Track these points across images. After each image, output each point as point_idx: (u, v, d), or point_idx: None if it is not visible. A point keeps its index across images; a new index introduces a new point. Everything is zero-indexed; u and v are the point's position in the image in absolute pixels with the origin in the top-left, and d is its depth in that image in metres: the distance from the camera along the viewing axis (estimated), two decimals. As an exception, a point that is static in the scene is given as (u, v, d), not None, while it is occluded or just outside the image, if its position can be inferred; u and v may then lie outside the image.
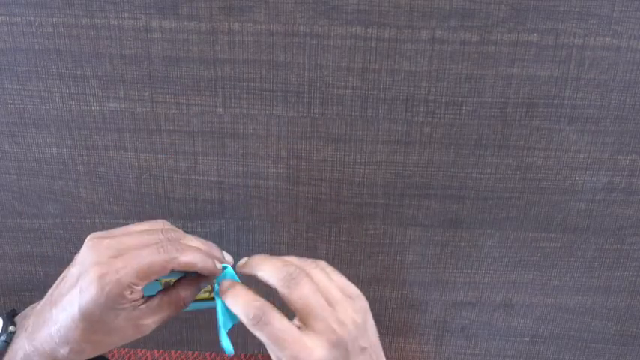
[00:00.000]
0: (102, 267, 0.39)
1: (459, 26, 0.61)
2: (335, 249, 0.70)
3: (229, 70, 0.63)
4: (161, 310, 0.43)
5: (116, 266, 0.39)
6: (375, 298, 0.72)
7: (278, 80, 0.63)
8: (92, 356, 0.42)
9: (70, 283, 0.41)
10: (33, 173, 0.67)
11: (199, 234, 0.69)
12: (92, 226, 0.69)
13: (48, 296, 0.43)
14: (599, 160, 0.65)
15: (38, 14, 0.61)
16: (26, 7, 0.61)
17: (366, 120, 0.64)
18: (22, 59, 0.63)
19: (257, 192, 0.68)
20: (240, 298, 0.41)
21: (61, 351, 0.40)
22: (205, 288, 0.49)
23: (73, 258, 0.44)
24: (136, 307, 0.42)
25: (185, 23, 0.61)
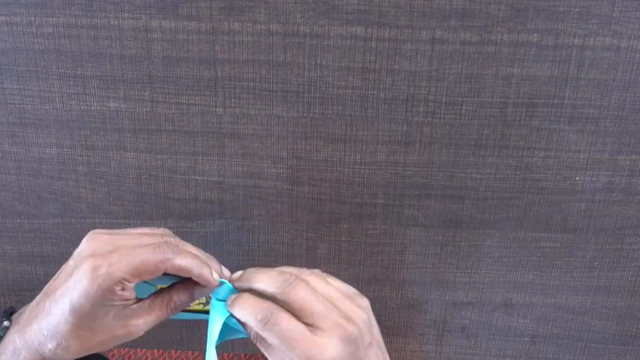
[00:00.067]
0: (96, 259, 0.40)
1: (459, 26, 0.61)
2: (335, 249, 0.70)
3: (229, 70, 0.63)
4: (152, 312, 0.43)
5: (110, 260, 0.40)
6: (375, 298, 0.72)
7: (278, 80, 0.63)
8: (79, 356, 0.42)
9: (65, 276, 0.41)
10: (33, 173, 0.67)
11: (199, 234, 0.70)
12: (92, 226, 0.69)
13: (43, 290, 0.43)
14: (599, 160, 0.65)
15: (38, 14, 0.61)
16: (26, 7, 0.61)
17: (366, 120, 0.64)
18: (22, 59, 0.63)
19: (257, 192, 0.68)
20: (247, 303, 0.41)
21: (49, 346, 0.40)
22: (200, 299, 0.48)
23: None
24: (127, 307, 0.41)
25: (185, 23, 0.61)
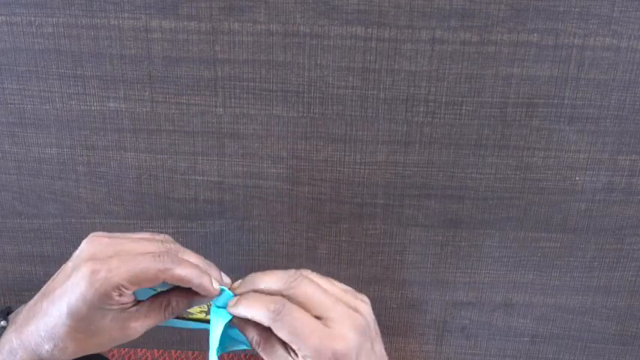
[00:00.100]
0: (95, 263, 0.39)
1: (459, 26, 0.61)
2: (335, 249, 0.70)
3: (229, 70, 0.63)
4: (149, 316, 0.43)
5: (110, 265, 0.39)
6: (375, 298, 0.72)
7: (278, 80, 0.63)
8: (76, 357, 0.41)
9: (64, 277, 0.40)
10: (33, 173, 0.67)
11: (199, 234, 0.70)
12: (92, 226, 0.69)
13: (41, 290, 0.42)
14: (599, 160, 0.65)
15: (38, 14, 0.61)
16: (26, 7, 0.61)
17: (366, 120, 0.64)
18: (22, 59, 0.63)
19: (257, 192, 0.68)
20: (256, 300, 0.41)
21: (46, 347, 0.40)
22: (202, 307, 0.48)
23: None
24: (125, 310, 0.41)
25: (185, 23, 0.61)
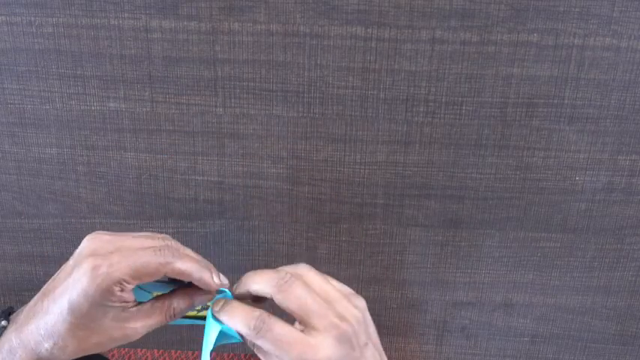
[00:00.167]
0: (96, 259, 0.39)
1: (459, 26, 0.61)
2: (335, 249, 0.70)
3: (229, 70, 0.63)
4: (151, 316, 0.43)
5: (111, 260, 0.39)
6: (375, 298, 0.72)
7: (278, 80, 0.63)
8: (76, 356, 0.42)
9: (65, 275, 0.41)
10: (33, 173, 0.67)
11: (199, 234, 0.70)
12: (92, 226, 0.69)
13: (42, 290, 0.42)
14: (599, 160, 0.65)
15: (38, 14, 0.61)
16: (26, 7, 0.61)
17: (366, 120, 0.64)
18: (22, 59, 0.63)
19: (257, 192, 0.68)
20: (237, 312, 0.41)
21: (45, 345, 0.40)
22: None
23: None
24: (126, 309, 0.41)
25: (185, 23, 0.61)
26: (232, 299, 0.43)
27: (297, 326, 0.41)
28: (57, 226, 0.70)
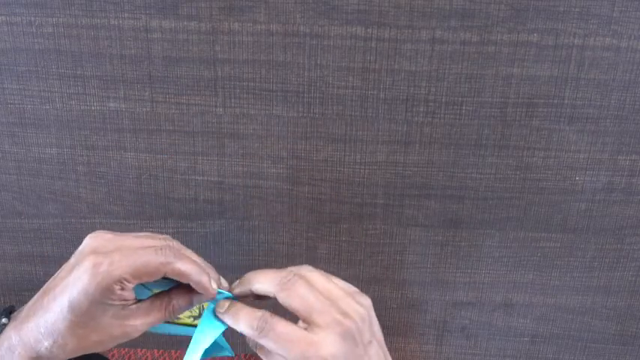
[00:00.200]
0: (97, 257, 0.40)
1: (459, 26, 0.61)
2: (335, 249, 0.70)
3: (229, 70, 0.63)
4: (150, 314, 0.43)
5: (112, 258, 0.40)
6: (375, 298, 0.72)
7: (278, 80, 0.63)
8: (75, 355, 0.42)
9: (66, 273, 0.41)
10: (33, 173, 0.67)
11: (199, 234, 0.70)
12: (92, 226, 0.69)
13: (42, 288, 0.43)
14: (599, 160, 0.65)
15: (38, 14, 0.61)
16: (26, 7, 0.61)
17: (366, 120, 0.64)
18: (22, 59, 0.63)
19: (257, 192, 0.68)
20: (240, 314, 0.41)
21: (45, 343, 0.40)
22: (191, 312, 0.48)
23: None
24: (126, 307, 0.41)
25: (185, 23, 0.61)
26: (236, 301, 0.43)
27: (300, 325, 0.41)
28: (57, 226, 0.70)
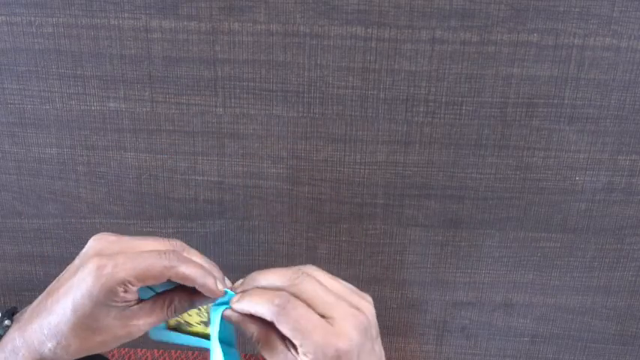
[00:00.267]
0: (102, 259, 0.40)
1: (459, 26, 0.61)
2: (335, 249, 0.70)
3: (229, 70, 0.63)
4: (152, 314, 0.43)
5: (116, 260, 0.40)
6: (375, 298, 0.72)
7: (278, 80, 0.63)
8: (79, 356, 0.42)
9: (70, 274, 0.41)
10: (33, 173, 0.67)
11: (199, 234, 0.70)
12: (92, 226, 0.69)
13: (46, 289, 0.43)
14: (599, 160, 0.65)
15: (38, 14, 0.61)
16: (26, 7, 0.61)
17: (366, 120, 0.64)
18: (22, 59, 0.63)
19: (257, 192, 0.68)
20: (260, 295, 0.41)
21: (48, 345, 0.40)
22: (201, 317, 0.48)
23: (75, 257, 0.44)
24: (128, 307, 0.42)
25: (185, 23, 0.61)
26: (253, 288, 0.43)
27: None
28: (57, 226, 0.70)
